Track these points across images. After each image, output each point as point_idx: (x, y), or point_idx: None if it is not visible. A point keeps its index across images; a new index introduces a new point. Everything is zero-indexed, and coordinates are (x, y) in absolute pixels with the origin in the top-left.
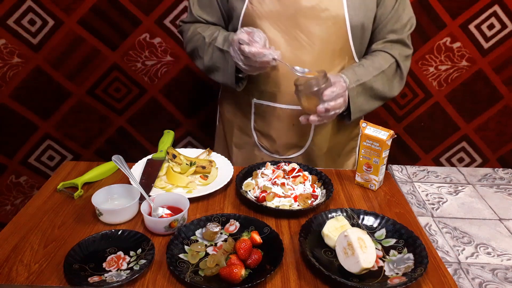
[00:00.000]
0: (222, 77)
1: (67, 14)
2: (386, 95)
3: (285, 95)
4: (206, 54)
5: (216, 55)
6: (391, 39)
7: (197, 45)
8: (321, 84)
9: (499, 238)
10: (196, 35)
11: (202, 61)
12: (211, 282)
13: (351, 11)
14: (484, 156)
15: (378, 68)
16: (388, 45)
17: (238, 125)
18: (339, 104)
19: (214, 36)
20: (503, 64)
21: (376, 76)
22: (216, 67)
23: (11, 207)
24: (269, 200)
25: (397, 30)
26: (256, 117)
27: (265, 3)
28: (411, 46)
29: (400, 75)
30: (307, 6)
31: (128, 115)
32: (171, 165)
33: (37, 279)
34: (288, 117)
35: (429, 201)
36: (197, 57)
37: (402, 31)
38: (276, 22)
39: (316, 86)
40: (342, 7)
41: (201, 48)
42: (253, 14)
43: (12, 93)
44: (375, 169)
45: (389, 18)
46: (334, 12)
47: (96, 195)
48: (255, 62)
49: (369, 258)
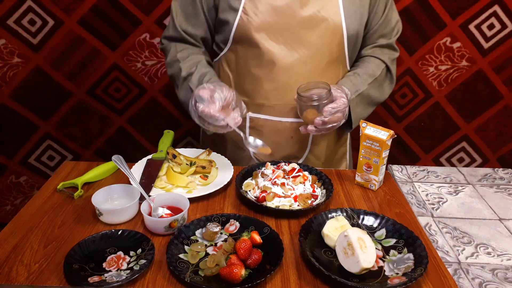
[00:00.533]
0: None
1: (67, 14)
2: (380, 100)
3: (285, 108)
4: (181, 88)
5: (189, 95)
6: (381, 43)
7: (175, 74)
8: (323, 99)
9: (499, 238)
10: (175, 63)
11: (178, 93)
12: (211, 282)
13: (348, 20)
14: (484, 156)
15: (371, 76)
16: (377, 50)
17: (232, 140)
18: (337, 118)
19: (191, 72)
20: (503, 64)
21: (371, 83)
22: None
23: (11, 207)
24: (269, 200)
25: (386, 34)
26: (251, 131)
27: (261, 14)
28: (398, 49)
29: (390, 79)
30: (306, 16)
31: (128, 115)
32: (171, 165)
33: (37, 279)
34: (287, 130)
35: (429, 201)
36: (175, 85)
37: (390, 35)
38: (273, 34)
39: (317, 101)
40: (339, 15)
41: (178, 79)
42: (248, 25)
43: (12, 93)
44: (375, 169)
45: (380, 24)
46: (332, 21)
47: (96, 195)
48: (208, 124)
49: (369, 258)
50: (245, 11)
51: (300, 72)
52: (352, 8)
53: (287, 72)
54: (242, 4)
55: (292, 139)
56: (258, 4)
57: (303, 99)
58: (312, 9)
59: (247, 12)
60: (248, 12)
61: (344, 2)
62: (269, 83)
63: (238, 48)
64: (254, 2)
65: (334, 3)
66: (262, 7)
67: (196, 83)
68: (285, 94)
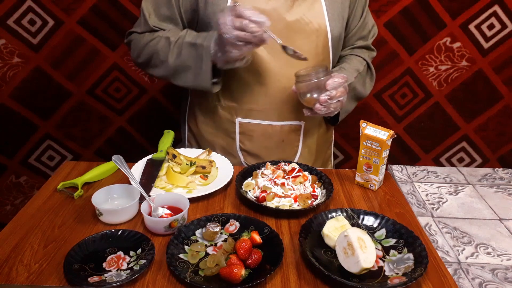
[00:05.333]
0: (193, 78)
1: (67, 14)
2: (363, 95)
3: (275, 111)
4: (171, 54)
5: (185, 52)
6: (359, 45)
7: (157, 49)
8: (321, 76)
9: (499, 238)
10: (155, 39)
11: (165, 64)
12: (211, 282)
13: (331, 23)
14: (484, 156)
15: (356, 70)
16: (357, 50)
17: (221, 146)
18: (341, 92)
19: (181, 34)
20: (503, 64)
21: (356, 77)
22: (185, 66)
23: (11, 207)
24: (269, 200)
25: (364, 36)
26: (241, 137)
27: None
28: (375, 49)
29: (371, 76)
30: (292, 20)
31: (128, 115)
32: (171, 165)
33: (37, 279)
34: (278, 134)
35: (429, 201)
36: (157, 63)
37: (368, 37)
38: None
39: (316, 76)
40: (324, 19)
41: (163, 50)
42: None
43: (12, 93)
44: (375, 169)
45: (358, 26)
46: (317, 24)
47: (96, 195)
48: (247, 25)
49: (369, 258)
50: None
51: (288, 75)
52: (335, 11)
53: (276, 75)
54: None
55: (283, 142)
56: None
57: (302, 78)
58: (298, 13)
59: None
60: None
61: (327, 6)
62: (258, 87)
63: None
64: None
65: (318, 7)
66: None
67: (194, 37)
68: (274, 97)
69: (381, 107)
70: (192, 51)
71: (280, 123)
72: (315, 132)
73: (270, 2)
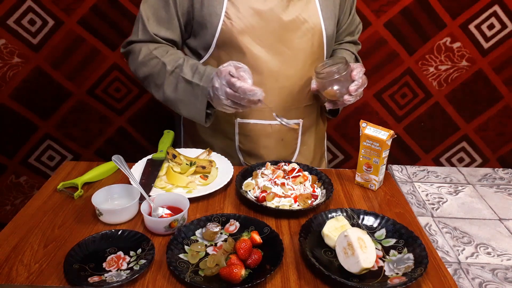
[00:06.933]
0: (188, 112)
1: (67, 14)
2: None
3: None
4: (167, 84)
5: (181, 86)
6: (347, 40)
7: (154, 72)
8: (342, 72)
9: (499, 238)
10: (153, 59)
11: (161, 91)
12: (211, 282)
13: (325, 21)
14: (484, 156)
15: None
16: (345, 45)
17: (220, 147)
18: (365, 79)
19: (178, 64)
20: (503, 64)
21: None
22: (180, 100)
23: (11, 207)
24: (269, 200)
25: (352, 32)
26: (241, 137)
27: (246, 19)
28: (360, 43)
29: None
30: (288, 20)
31: (128, 115)
32: (171, 165)
33: (37, 279)
34: (277, 133)
35: (429, 201)
36: (153, 85)
37: (354, 33)
38: (259, 37)
39: (338, 73)
40: (318, 17)
41: (160, 75)
42: (232, 30)
43: (12, 93)
44: (375, 169)
45: (348, 23)
46: (312, 23)
47: (96, 195)
48: (241, 99)
49: (369, 258)
50: (228, 15)
51: (285, 74)
52: (328, 10)
53: (273, 75)
54: (224, 9)
55: (282, 141)
56: (240, 8)
57: (324, 75)
58: (293, 13)
59: (230, 17)
60: (231, 16)
61: (321, 5)
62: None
63: (221, 53)
64: (236, 7)
65: (312, 6)
66: (244, 12)
67: (190, 74)
68: (272, 96)
69: (381, 107)
70: (188, 87)
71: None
72: (313, 129)
73: (267, 2)
